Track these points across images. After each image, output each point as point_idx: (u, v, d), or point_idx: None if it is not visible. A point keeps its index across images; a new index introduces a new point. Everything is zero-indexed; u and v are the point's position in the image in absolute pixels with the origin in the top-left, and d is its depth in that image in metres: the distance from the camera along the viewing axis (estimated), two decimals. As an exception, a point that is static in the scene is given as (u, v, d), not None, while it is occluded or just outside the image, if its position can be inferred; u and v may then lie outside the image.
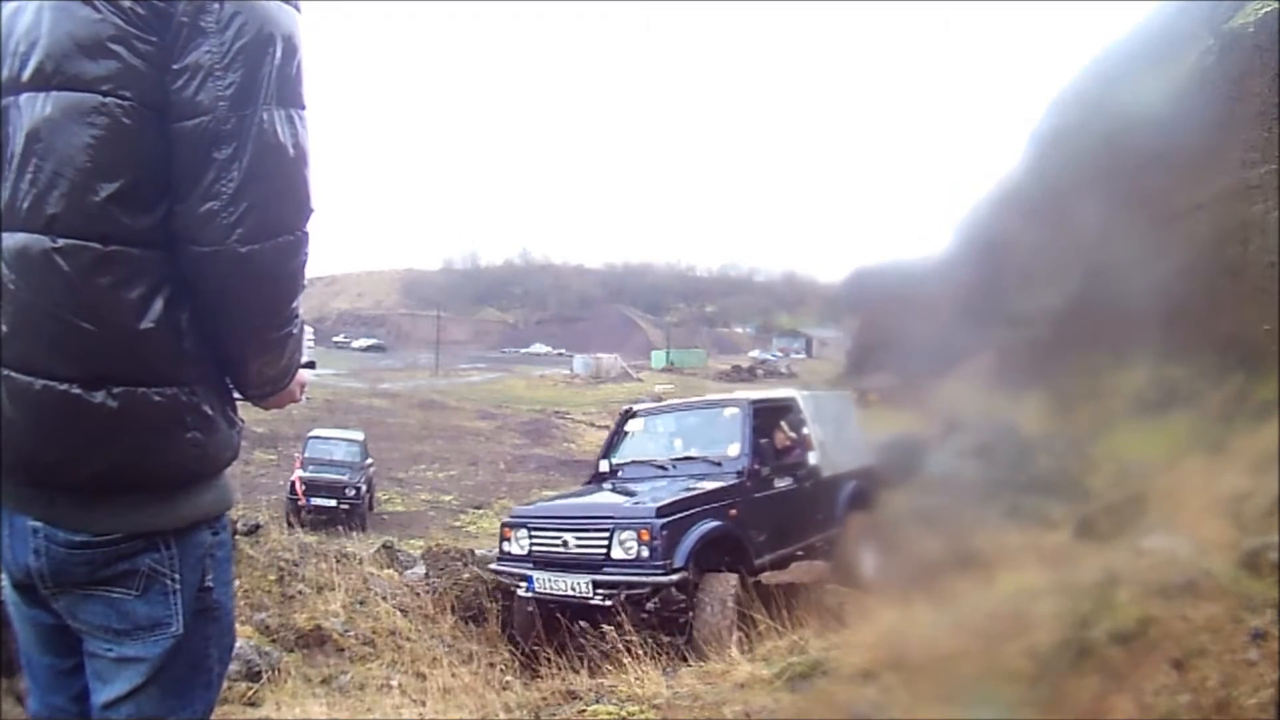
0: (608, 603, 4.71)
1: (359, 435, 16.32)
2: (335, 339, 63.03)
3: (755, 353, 45.37)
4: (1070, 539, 2.56)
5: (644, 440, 6.51)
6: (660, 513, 4.87)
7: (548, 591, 5.07)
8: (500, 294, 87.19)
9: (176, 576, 1.12)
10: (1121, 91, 3.43)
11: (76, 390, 1.01)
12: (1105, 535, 2.42)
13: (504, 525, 5.70)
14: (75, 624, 1.13)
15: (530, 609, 5.31)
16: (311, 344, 1.47)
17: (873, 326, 5.83)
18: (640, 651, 3.96)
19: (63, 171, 1.01)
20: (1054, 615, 2.16)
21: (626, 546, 4.84)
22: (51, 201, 1.00)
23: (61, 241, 1.00)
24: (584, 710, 3.39)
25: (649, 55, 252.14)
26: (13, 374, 1.02)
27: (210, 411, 1.11)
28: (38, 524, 1.09)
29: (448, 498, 16.96)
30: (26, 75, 1.05)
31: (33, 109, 1.03)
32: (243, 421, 1.22)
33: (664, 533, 4.76)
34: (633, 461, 6.25)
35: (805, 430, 6.29)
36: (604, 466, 6.37)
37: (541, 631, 5.12)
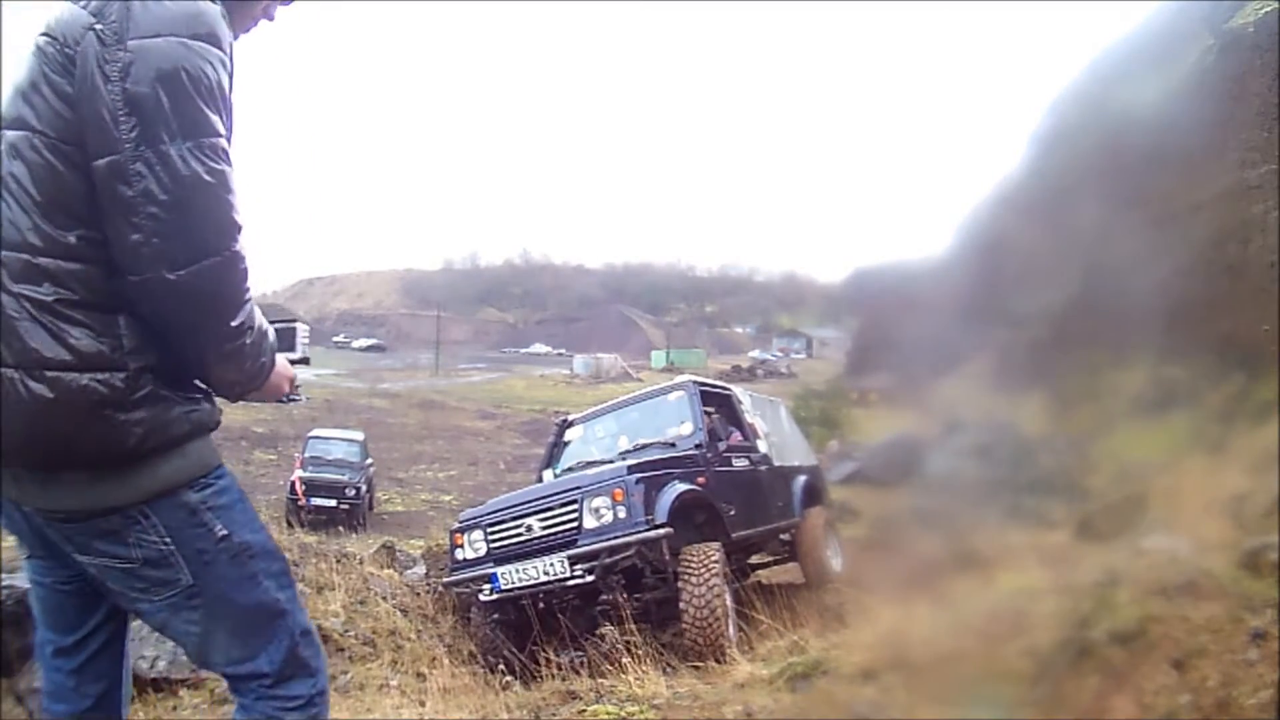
0: (589, 577, 4.31)
1: (359, 435, 16.33)
2: (335, 339, 63.06)
3: (755, 353, 45.24)
4: (1070, 539, 2.55)
5: (586, 446, 6.10)
6: (632, 470, 4.52)
7: (516, 584, 4.57)
8: (500, 294, 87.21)
9: (168, 540, 1.22)
10: (1121, 91, 3.42)
11: (18, 375, 1.12)
12: (1105, 535, 2.42)
13: (454, 531, 5.13)
14: (113, 587, 1.26)
15: (494, 616, 4.92)
16: (306, 340, 1.57)
17: (873, 326, 5.81)
18: (640, 652, 3.96)
19: (6, 198, 1.16)
20: (1054, 615, 2.15)
21: (600, 513, 4.40)
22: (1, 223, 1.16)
23: (5, 254, 1.15)
24: (584, 710, 3.39)
25: (650, 55, 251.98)
26: None
27: (159, 392, 1.19)
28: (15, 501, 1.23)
29: (448, 498, 16.95)
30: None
31: None
32: (203, 397, 1.28)
33: (640, 488, 4.39)
34: (579, 466, 5.65)
35: (748, 419, 6.22)
36: (547, 478, 5.86)
37: (505, 643, 4.78)
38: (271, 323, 1.48)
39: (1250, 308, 2.43)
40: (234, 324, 1.19)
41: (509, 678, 4.32)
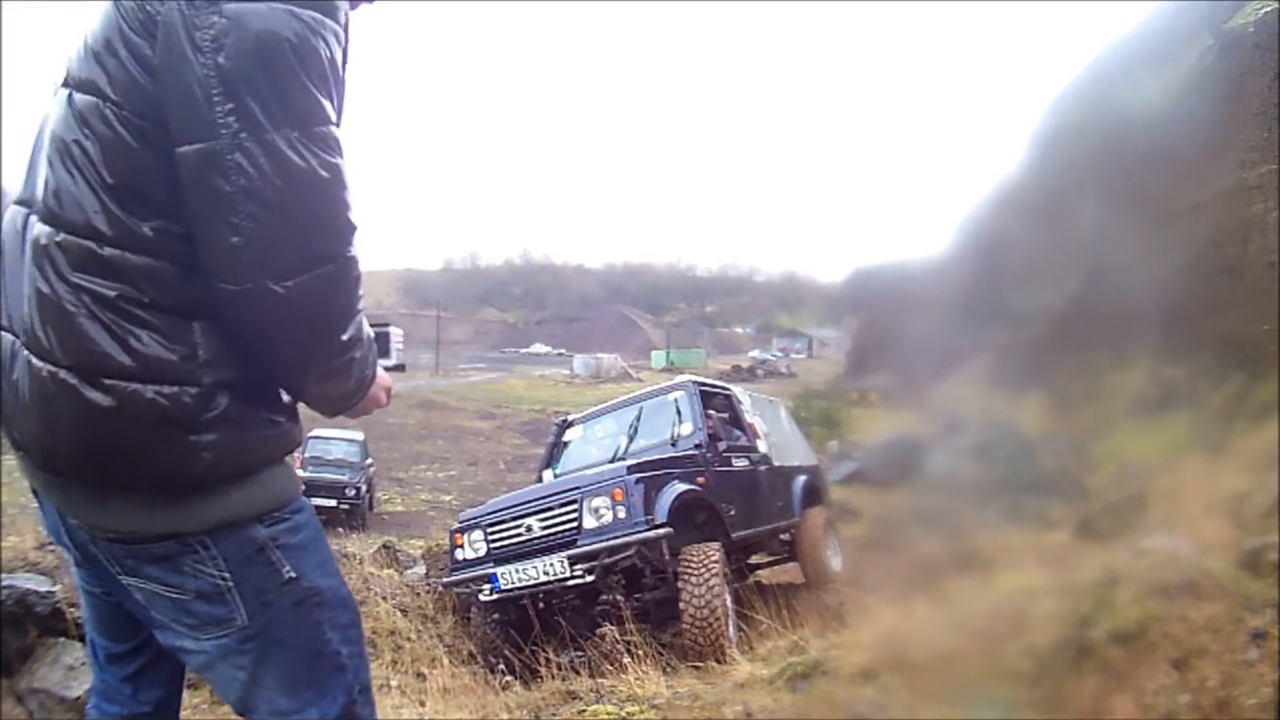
0: (589, 578, 4.32)
1: (359, 435, 16.30)
2: (335, 339, 62.92)
3: (755, 353, 45.32)
4: (1070, 539, 2.55)
5: (586, 446, 6.11)
6: (632, 470, 4.52)
7: (516, 584, 4.57)
8: (500, 294, 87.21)
9: (226, 575, 1.06)
10: (1121, 91, 3.42)
11: (74, 380, 0.97)
12: (1105, 535, 2.42)
13: (454, 532, 5.15)
14: (157, 616, 1.11)
15: (494, 616, 4.94)
16: (401, 346, 1.41)
17: (873, 326, 5.82)
18: (640, 652, 3.96)
19: (68, 170, 0.99)
20: (1054, 615, 2.15)
21: (600, 513, 4.41)
22: (56, 197, 1.00)
23: (61, 236, 0.98)
24: (584, 710, 3.39)
25: (649, 55, 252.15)
26: (31, 358, 1.00)
27: (234, 413, 1.02)
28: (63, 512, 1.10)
29: (448, 498, 16.95)
30: (64, 73, 1.05)
31: (57, 107, 1.04)
32: (286, 418, 1.12)
33: (639, 488, 4.40)
34: (579, 468, 5.67)
35: (748, 419, 6.24)
36: (547, 478, 5.89)
37: (505, 642, 4.78)
38: None
39: (1250, 308, 2.43)
40: (344, 338, 1.03)
41: (509, 678, 4.33)
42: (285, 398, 1.12)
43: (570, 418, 6.58)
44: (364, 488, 14.18)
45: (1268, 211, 2.45)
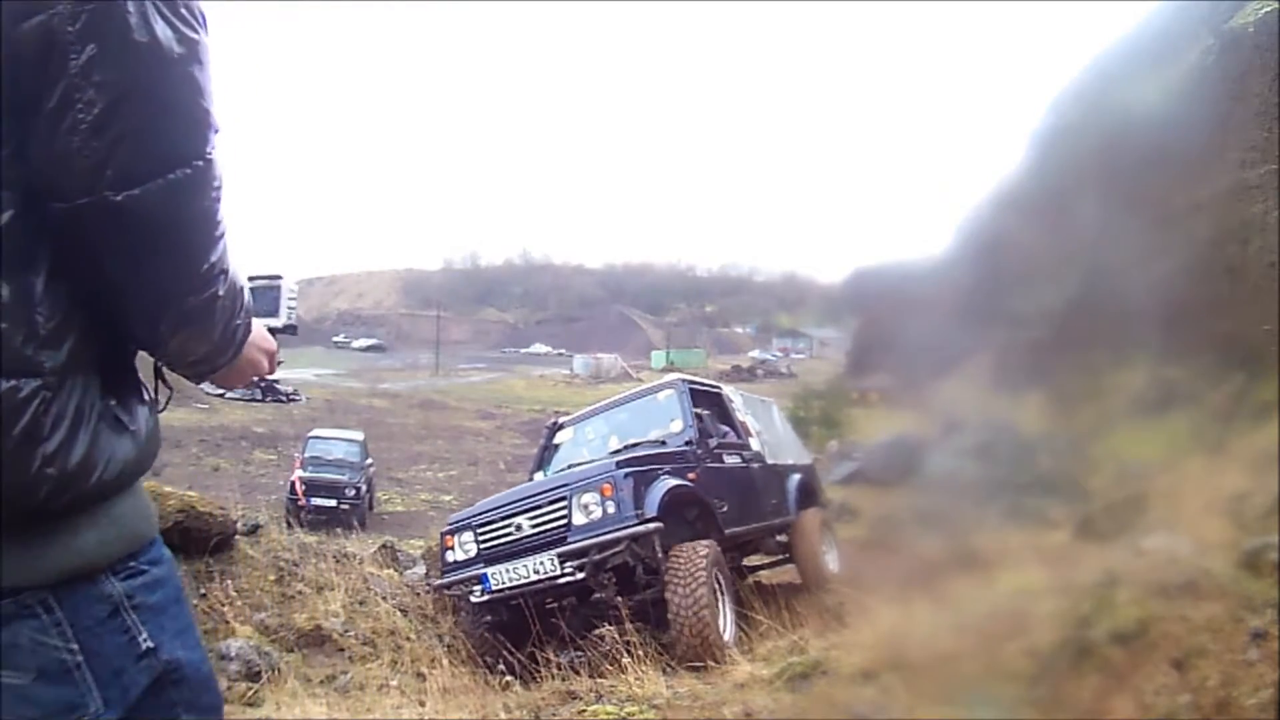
0: (580, 575, 4.26)
1: (359, 435, 16.34)
2: (335, 339, 63.07)
3: (755, 353, 45.34)
4: (1070, 539, 2.56)
5: (577, 448, 6.09)
6: (621, 465, 4.48)
7: (507, 584, 4.51)
8: (500, 294, 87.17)
9: (74, 647, 0.79)
10: (1121, 91, 3.43)
11: None
12: (1105, 535, 2.43)
13: (444, 534, 5.09)
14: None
15: (486, 618, 4.90)
16: (294, 302, 1.19)
17: (873, 326, 5.82)
18: (640, 652, 3.96)
19: None
20: (1054, 615, 2.16)
21: (589, 509, 4.34)
22: None
23: None
24: (584, 710, 3.40)
25: (650, 55, 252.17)
26: None
27: (82, 408, 0.78)
28: None
29: (448, 498, 16.94)
30: None
31: None
32: (136, 411, 0.87)
33: (629, 483, 4.34)
34: (568, 467, 5.63)
35: (739, 417, 6.23)
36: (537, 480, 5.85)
37: (500, 643, 4.74)
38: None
39: (1250, 308, 2.44)
40: (203, 268, 0.80)
41: (509, 678, 4.32)
42: (139, 392, 0.89)
43: (560, 420, 6.55)
44: (364, 488, 14.20)
45: (1268, 211, 2.45)
